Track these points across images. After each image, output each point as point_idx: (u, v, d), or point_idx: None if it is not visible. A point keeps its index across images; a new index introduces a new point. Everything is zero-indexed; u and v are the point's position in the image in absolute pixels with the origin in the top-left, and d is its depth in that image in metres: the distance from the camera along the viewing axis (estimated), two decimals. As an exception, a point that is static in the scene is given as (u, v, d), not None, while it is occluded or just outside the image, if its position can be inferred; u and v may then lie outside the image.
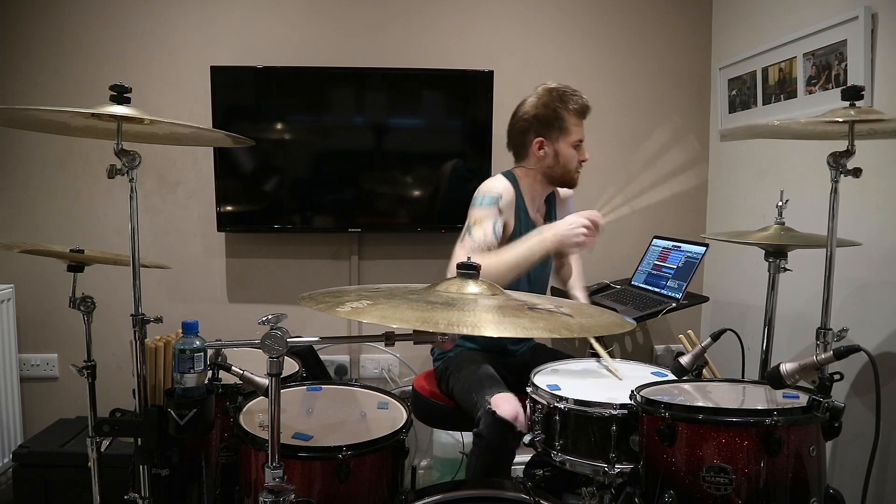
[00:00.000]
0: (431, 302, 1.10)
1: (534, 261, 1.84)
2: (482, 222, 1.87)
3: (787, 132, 1.77)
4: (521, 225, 1.97)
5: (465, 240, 1.87)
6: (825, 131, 1.54)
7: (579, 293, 2.19)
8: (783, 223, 1.83)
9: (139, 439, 1.41)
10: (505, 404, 1.64)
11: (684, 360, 1.60)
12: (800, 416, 1.21)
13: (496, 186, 1.94)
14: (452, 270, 1.77)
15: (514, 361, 2.03)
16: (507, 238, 1.92)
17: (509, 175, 2.01)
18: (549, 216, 2.11)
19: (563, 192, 2.17)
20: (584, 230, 1.80)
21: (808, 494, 1.22)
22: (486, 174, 2.56)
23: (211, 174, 2.56)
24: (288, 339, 1.09)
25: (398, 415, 1.51)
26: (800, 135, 1.69)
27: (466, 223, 1.91)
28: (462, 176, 2.62)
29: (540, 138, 1.96)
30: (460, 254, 1.83)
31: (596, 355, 1.87)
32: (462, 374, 1.87)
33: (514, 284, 1.90)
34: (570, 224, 1.82)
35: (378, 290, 1.23)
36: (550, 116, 1.94)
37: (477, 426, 1.68)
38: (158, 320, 1.45)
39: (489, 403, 1.65)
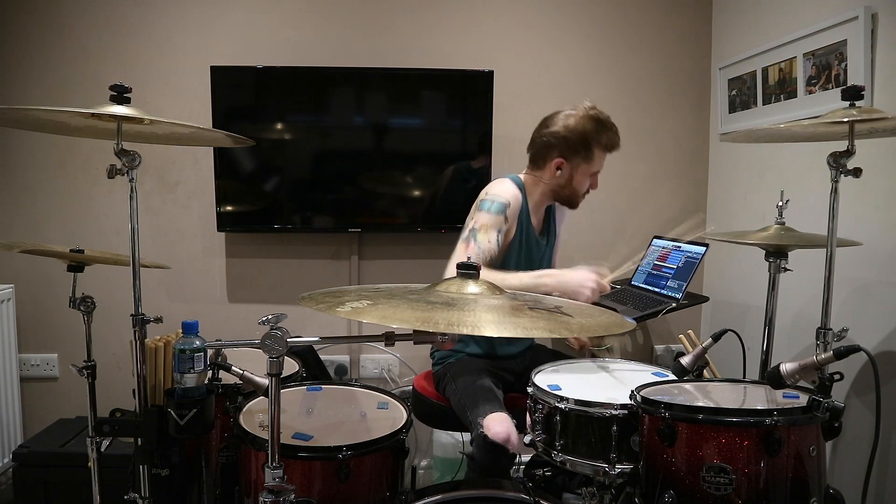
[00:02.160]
0: (431, 302, 1.10)
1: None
2: (489, 230, 1.84)
3: (786, 135, 1.77)
4: (522, 232, 1.96)
5: (471, 244, 1.83)
6: (825, 132, 1.54)
7: None
8: (783, 223, 1.83)
9: (139, 439, 1.41)
10: (497, 426, 1.62)
11: (685, 360, 1.60)
12: (800, 416, 1.21)
13: (506, 192, 1.90)
14: (452, 270, 1.76)
15: (514, 367, 2.02)
16: (507, 244, 1.91)
17: (518, 181, 1.98)
18: (547, 225, 2.11)
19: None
20: (591, 291, 1.78)
21: (808, 494, 1.22)
22: (487, 174, 2.57)
23: (211, 174, 2.56)
24: (288, 339, 1.09)
25: (398, 415, 1.51)
26: (800, 137, 1.69)
27: (471, 224, 1.88)
28: (463, 176, 2.62)
29: (561, 159, 1.93)
30: (463, 257, 1.79)
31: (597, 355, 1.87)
32: (459, 387, 1.85)
33: None
34: (581, 279, 1.80)
35: (378, 290, 1.23)
36: (580, 145, 1.90)
37: (470, 446, 1.68)
38: (158, 320, 1.45)
39: (481, 426, 1.64)
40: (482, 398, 1.75)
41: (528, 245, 1.99)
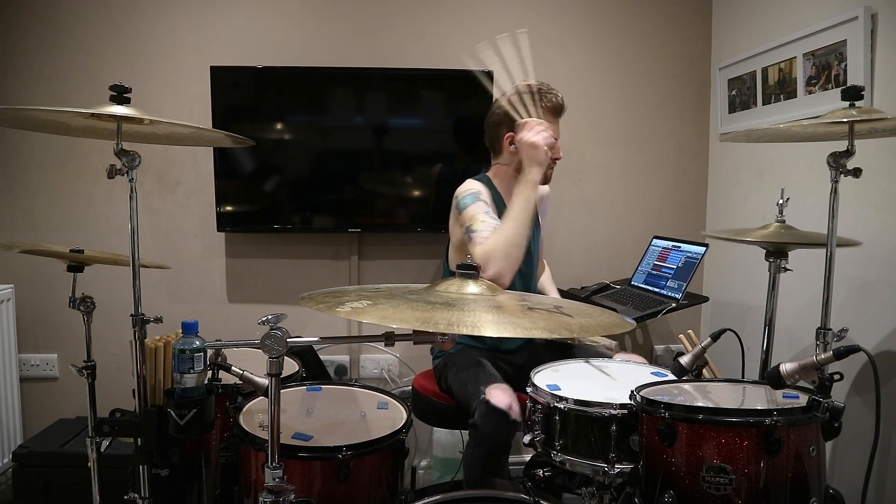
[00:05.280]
0: (431, 302, 1.10)
1: (533, 205, 1.85)
2: (478, 216, 1.85)
3: (786, 135, 1.77)
4: None
5: (475, 237, 1.81)
6: (825, 132, 1.53)
7: (552, 292, 2.26)
8: (783, 221, 1.83)
9: (139, 439, 1.41)
10: (499, 394, 1.66)
11: (684, 360, 1.60)
12: (800, 416, 1.21)
13: (473, 185, 1.97)
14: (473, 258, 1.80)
15: (514, 360, 2.03)
16: None
17: (483, 178, 2.04)
18: None
19: (540, 189, 2.17)
20: (543, 133, 1.82)
21: (808, 494, 1.22)
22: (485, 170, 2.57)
23: (211, 174, 2.56)
24: (288, 339, 1.09)
25: (398, 415, 1.51)
26: (800, 137, 1.69)
27: (465, 227, 1.87)
28: (451, 178, 2.59)
29: (511, 133, 1.97)
30: (479, 250, 1.77)
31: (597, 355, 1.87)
32: (459, 370, 1.88)
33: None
34: (530, 140, 1.84)
35: (378, 290, 1.24)
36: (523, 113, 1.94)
37: (472, 417, 1.68)
38: (158, 320, 1.45)
39: (484, 394, 1.67)
40: (483, 375, 1.79)
41: None
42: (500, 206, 1.99)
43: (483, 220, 1.85)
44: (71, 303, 1.58)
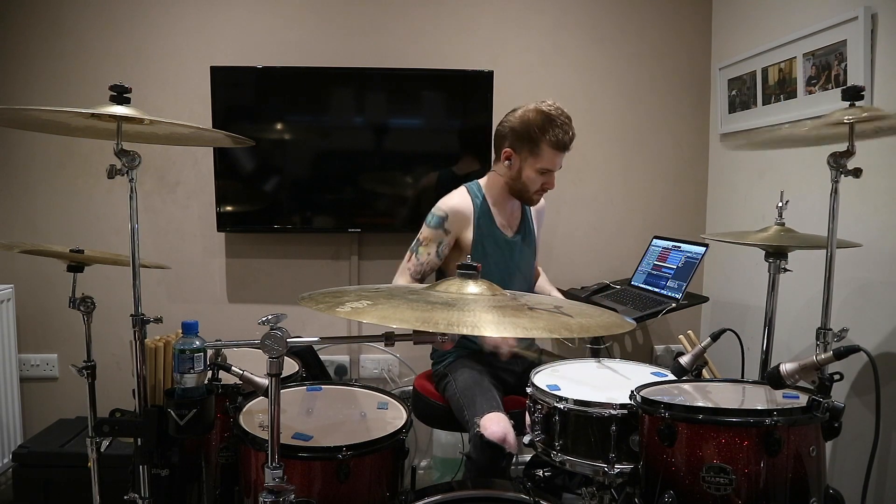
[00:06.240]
0: (431, 302, 1.09)
1: None
2: (429, 244, 1.96)
3: (787, 140, 1.74)
4: (482, 234, 1.98)
5: (412, 257, 1.97)
6: (828, 135, 1.52)
7: (554, 292, 2.24)
8: (783, 223, 1.83)
9: (139, 439, 1.41)
10: (493, 426, 1.64)
11: (684, 360, 1.60)
12: (800, 416, 1.21)
13: (446, 205, 1.97)
14: (399, 279, 1.96)
15: (514, 367, 2.02)
16: (467, 249, 1.97)
17: (474, 186, 2.03)
18: (525, 220, 2.12)
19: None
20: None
21: (808, 494, 1.22)
22: (484, 174, 2.57)
23: (211, 174, 2.56)
24: (288, 339, 1.09)
25: (398, 415, 1.51)
26: (802, 142, 1.66)
27: (415, 240, 1.99)
28: (451, 179, 2.59)
29: (510, 150, 1.97)
30: (403, 273, 1.98)
31: (597, 353, 1.88)
32: (458, 386, 1.86)
33: (503, 281, 1.91)
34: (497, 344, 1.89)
35: (378, 291, 1.23)
36: (526, 136, 1.92)
37: (468, 447, 1.69)
38: (158, 320, 1.45)
39: (478, 426, 1.65)
40: (480, 398, 1.76)
41: (498, 244, 2.01)
42: (482, 218, 1.99)
43: (429, 251, 1.96)
44: (71, 303, 1.58)
